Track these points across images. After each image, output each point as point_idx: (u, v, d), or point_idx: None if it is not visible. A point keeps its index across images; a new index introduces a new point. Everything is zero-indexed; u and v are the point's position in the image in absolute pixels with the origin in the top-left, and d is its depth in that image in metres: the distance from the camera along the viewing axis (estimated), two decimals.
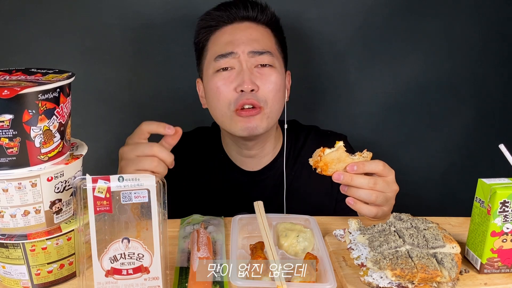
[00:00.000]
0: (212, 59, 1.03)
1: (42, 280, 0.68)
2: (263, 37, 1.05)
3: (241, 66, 1.01)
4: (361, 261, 0.70)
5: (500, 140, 0.76)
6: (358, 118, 1.49)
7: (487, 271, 0.71)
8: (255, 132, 1.02)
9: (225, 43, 1.03)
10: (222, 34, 1.05)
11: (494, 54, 1.47)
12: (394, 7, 1.39)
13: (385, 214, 0.87)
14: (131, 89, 1.41)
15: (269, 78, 1.02)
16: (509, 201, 0.68)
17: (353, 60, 1.43)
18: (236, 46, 1.01)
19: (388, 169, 0.84)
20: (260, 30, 1.06)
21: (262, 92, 1.01)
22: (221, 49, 1.02)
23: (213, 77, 1.03)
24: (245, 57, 1.01)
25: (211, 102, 1.06)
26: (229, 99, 1.01)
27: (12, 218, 0.65)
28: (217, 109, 1.04)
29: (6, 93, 0.56)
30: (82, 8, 1.31)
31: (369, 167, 0.82)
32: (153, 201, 0.62)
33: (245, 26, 1.05)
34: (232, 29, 1.04)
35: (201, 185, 1.14)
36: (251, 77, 1.00)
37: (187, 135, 1.21)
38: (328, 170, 0.82)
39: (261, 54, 1.02)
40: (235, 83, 1.00)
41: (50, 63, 0.87)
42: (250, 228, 0.82)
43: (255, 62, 1.02)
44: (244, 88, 0.99)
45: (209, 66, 1.05)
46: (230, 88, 1.01)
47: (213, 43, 1.05)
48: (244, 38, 1.02)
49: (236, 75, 1.01)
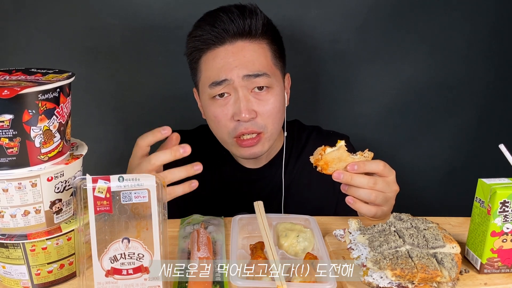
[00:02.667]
0: (206, 85, 1.00)
1: (42, 280, 0.68)
2: (258, 57, 0.98)
3: (237, 94, 0.97)
4: (361, 261, 0.70)
5: (500, 140, 0.76)
6: (358, 118, 1.49)
7: (487, 271, 0.71)
8: (258, 156, 1.04)
9: (217, 68, 0.97)
10: (214, 57, 0.98)
11: (494, 54, 1.47)
12: (395, 7, 1.39)
13: (385, 214, 0.87)
14: (131, 89, 1.41)
15: (267, 102, 0.98)
16: (509, 201, 0.68)
17: (353, 60, 1.43)
18: (229, 72, 0.96)
19: (389, 169, 0.83)
20: (254, 49, 0.98)
21: (261, 118, 0.98)
22: (214, 75, 0.97)
23: (209, 105, 1.01)
24: (240, 82, 0.96)
25: (211, 127, 1.06)
26: (228, 128, 0.99)
27: (12, 218, 0.65)
28: (217, 134, 1.05)
29: (6, 93, 0.56)
30: (82, 8, 1.31)
31: (370, 167, 0.81)
32: (153, 201, 0.62)
33: (237, 47, 0.97)
34: (224, 52, 0.97)
35: (203, 181, 1.14)
36: (247, 106, 0.96)
37: (190, 133, 1.22)
38: (329, 168, 0.82)
39: (257, 76, 0.96)
40: (232, 111, 0.97)
41: (50, 63, 0.87)
42: (250, 228, 0.82)
43: (251, 85, 0.97)
44: (241, 118, 0.96)
45: (204, 90, 1.02)
46: (227, 117, 0.98)
47: (205, 65, 1.00)
48: (237, 62, 0.96)
49: (233, 103, 0.97)
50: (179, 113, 1.42)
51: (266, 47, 1.00)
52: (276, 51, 1.03)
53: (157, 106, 1.42)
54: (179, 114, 1.42)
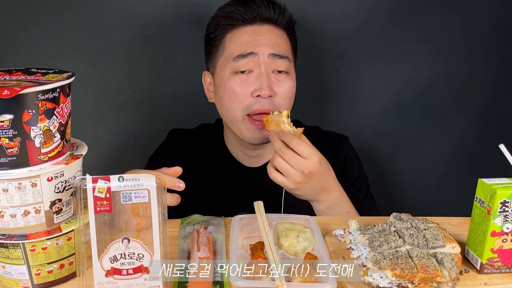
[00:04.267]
0: (230, 58, 1.02)
1: (42, 280, 0.68)
2: (283, 42, 1.05)
3: (259, 70, 1.00)
4: (361, 261, 0.70)
5: (500, 140, 0.76)
6: (359, 118, 1.49)
7: (487, 271, 0.71)
8: (266, 141, 1.04)
9: (245, 43, 1.02)
10: (242, 33, 1.03)
11: (494, 54, 1.47)
12: (395, 7, 1.39)
13: (288, 188, 0.92)
14: (131, 89, 1.41)
15: (285, 85, 1.03)
16: (509, 201, 0.68)
17: (353, 60, 1.43)
18: (257, 47, 1.01)
19: (308, 150, 0.88)
20: (279, 34, 1.05)
21: (278, 98, 1.02)
22: (241, 49, 1.02)
23: (230, 79, 1.02)
24: (265, 59, 1.01)
25: (224, 103, 1.05)
26: (244, 104, 1.01)
27: (12, 218, 0.65)
28: (229, 111, 1.04)
29: (6, 93, 0.56)
30: (82, 8, 1.31)
31: (285, 138, 0.88)
32: (153, 201, 0.62)
33: (265, 29, 1.04)
34: (252, 30, 1.03)
35: (203, 180, 1.14)
36: (269, 83, 1.00)
37: (190, 132, 1.22)
38: (268, 127, 0.94)
39: (281, 58, 1.02)
40: (252, 87, 1.00)
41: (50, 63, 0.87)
42: (250, 228, 0.82)
43: (273, 66, 1.02)
44: (262, 94, 0.99)
45: (225, 65, 1.04)
46: (247, 92, 1.01)
47: (232, 41, 1.04)
48: (265, 40, 1.02)
49: (254, 79, 1.01)
50: (179, 113, 1.42)
51: (287, 38, 1.08)
52: (294, 46, 1.10)
53: (157, 106, 1.42)
54: (179, 114, 1.42)
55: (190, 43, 1.20)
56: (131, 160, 1.42)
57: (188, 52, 1.35)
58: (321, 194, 0.93)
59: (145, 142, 1.33)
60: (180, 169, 0.82)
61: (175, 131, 1.23)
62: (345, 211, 0.97)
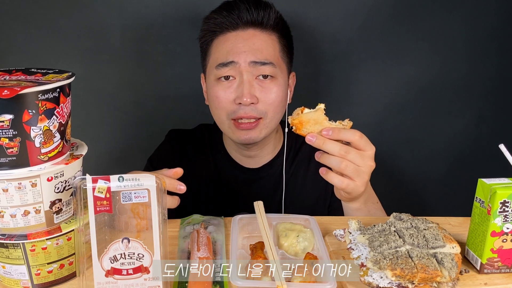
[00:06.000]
0: (213, 66, 1.03)
1: (42, 280, 0.68)
2: (267, 46, 1.02)
3: (241, 77, 1.00)
4: (361, 261, 0.70)
5: (500, 140, 0.76)
6: (358, 117, 1.48)
7: (487, 271, 0.71)
8: (253, 141, 1.04)
9: (226, 51, 1.01)
10: (225, 40, 1.03)
11: (494, 54, 1.47)
12: (395, 7, 1.39)
13: (358, 190, 0.82)
14: (131, 89, 1.41)
15: (269, 91, 1.01)
16: (509, 201, 0.68)
17: (353, 60, 1.43)
18: (237, 55, 1.00)
19: (366, 142, 0.79)
20: (264, 38, 1.02)
21: (262, 104, 1.00)
22: (222, 57, 1.01)
23: (213, 85, 1.03)
24: (246, 67, 0.99)
25: (211, 108, 1.07)
26: (228, 110, 1.01)
27: (12, 218, 0.65)
28: (215, 115, 1.06)
29: (6, 93, 0.56)
30: (82, 8, 1.31)
31: (345, 135, 0.78)
32: (153, 201, 0.62)
33: (248, 34, 1.02)
34: (235, 36, 1.02)
35: (202, 181, 1.14)
36: (250, 90, 0.98)
37: (189, 132, 1.22)
38: (303, 129, 0.79)
39: (263, 64, 1.00)
40: (234, 94, 1.00)
41: (50, 63, 0.87)
42: (250, 228, 0.82)
43: (256, 72, 1.00)
44: (242, 102, 0.98)
45: (210, 72, 1.05)
46: (229, 99, 1.01)
47: (216, 48, 1.04)
48: (246, 48, 1.00)
49: (236, 86, 1.00)
50: (179, 113, 1.42)
51: (275, 40, 1.04)
52: (285, 46, 1.07)
53: (157, 106, 1.43)
54: (179, 114, 1.42)
55: (190, 43, 1.20)
56: (131, 160, 1.42)
57: (188, 52, 1.35)
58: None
59: (145, 142, 1.33)
60: (181, 170, 0.82)
61: (173, 131, 1.23)
62: (375, 202, 0.97)
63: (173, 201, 0.79)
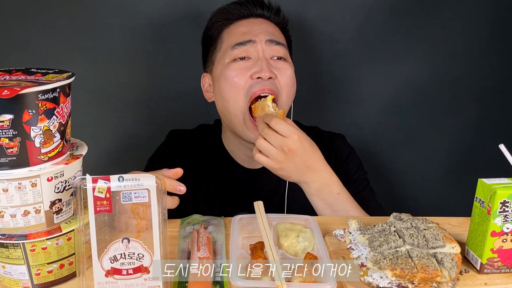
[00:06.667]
0: (228, 47, 1.05)
1: (42, 280, 0.68)
2: (278, 33, 1.09)
3: (258, 55, 1.03)
4: (361, 261, 0.70)
5: (500, 140, 0.76)
6: (358, 117, 1.49)
7: (487, 271, 0.71)
8: None
9: (242, 33, 1.05)
10: (238, 26, 1.07)
11: (494, 53, 1.47)
12: (395, 7, 1.39)
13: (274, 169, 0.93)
14: (131, 89, 1.41)
15: (285, 71, 1.04)
16: (509, 201, 0.68)
17: (353, 59, 1.43)
18: (254, 35, 1.04)
19: (286, 129, 0.90)
20: (274, 26, 1.10)
21: (280, 81, 1.03)
22: (238, 38, 1.04)
23: (228, 66, 1.03)
24: (263, 45, 1.03)
25: (224, 93, 1.04)
26: (244, 87, 1.01)
27: (12, 218, 0.65)
28: (230, 101, 1.03)
29: (6, 93, 0.56)
30: (82, 8, 1.31)
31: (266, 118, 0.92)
32: (153, 201, 0.62)
33: (260, 21, 1.09)
34: (248, 22, 1.07)
35: (202, 182, 1.14)
36: (269, 65, 1.02)
37: (189, 132, 1.22)
38: (255, 113, 0.99)
39: (278, 44, 1.05)
40: (251, 70, 1.01)
41: (50, 63, 0.87)
42: (250, 228, 0.82)
43: (271, 52, 1.04)
44: (262, 75, 1.00)
45: (224, 56, 1.06)
46: (246, 75, 1.01)
47: (229, 34, 1.07)
48: (261, 30, 1.05)
49: (253, 63, 1.02)
50: (179, 113, 1.42)
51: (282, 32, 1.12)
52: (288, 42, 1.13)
53: (157, 106, 1.42)
54: (179, 114, 1.42)
55: (190, 43, 1.20)
56: (131, 160, 1.42)
57: (188, 52, 1.35)
58: (307, 173, 0.93)
59: (145, 142, 1.33)
60: (181, 171, 0.82)
61: (174, 131, 1.23)
62: (335, 192, 0.96)
63: (173, 202, 0.79)
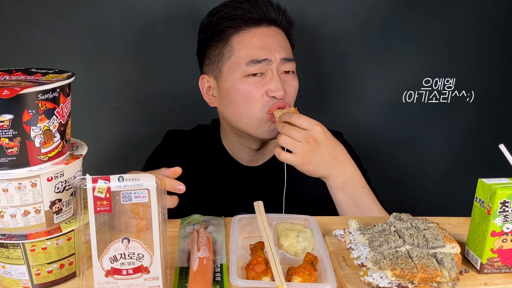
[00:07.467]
0: (242, 62, 1.02)
1: (42, 280, 0.68)
2: (287, 44, 1.09)
3: (272, 73, 1.03)
4: (361, 261, 0.70)
5: (500, 140, 0.76)
6: (358, 117, 1.49)
7: (487, 271, 0.71)
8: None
9: (257, 47, 1.03)
10: (252, 37, 1.04)
11: (494, 54, 1.47)
12: (395, 7, 1.39)
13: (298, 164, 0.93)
14: (131, 89, 1.41)
15: (293, 84, 1.07)
16: (509, 201, 0.68)
17: (353, 60, 1.43)
18: (270, 53, 1.03)
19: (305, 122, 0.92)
20: (283, 37, 1.08)
21: (288, 96, 1.05)
22: (254, 54, 1.02)
23: (243, 82, 1.03)
24: (277, 64, 1.03)
25: (237, 106, 1.04)
26: (261, 103, 1.03)
27: (12, 218, 0.65)
28: (244, 112, 1.04)
29: (6, 93, 0.56)
30: (82, 8, 1.31)
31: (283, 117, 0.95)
32: (153, 201, 0.62)
33: (272, 31, 1.06)
34: (261, 33, 1.04)
35: (201, 181, 1.14)
36: (282, 84, 1.03)
37: (188, 133, 1.22)
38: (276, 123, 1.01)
39: (290, 61, 1.06)
40: (266, 87, 1.02)
41: (50, 63, 0.87)
42: (250, 228, 0.82)
43: (282, 68, 1.05)
44: (277, 96, 1.02)
45: (236, 69, 1.03)
46: (261, 92, 1.02)
47: (241, 44, 1.04)
48: (275, 45, 1.04)
49: (268, 81, 1.03)
50: (179, 113, 1.42)
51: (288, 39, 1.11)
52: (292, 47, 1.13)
53: (157, 106, 1.42)
54: (179, 114, 1.42)
55: (190, 43, 1.20)
56: (131, 160, 1.42)
57: (188, 52, 1.35)
58: (333, 166, 0.94)
59: (145, 142, 1.33)
60: (179, 169, 0.82)
61: (171, 132, 1.23)
62: (360, 186, 0.97)
63: (172, 201, 0.79)
